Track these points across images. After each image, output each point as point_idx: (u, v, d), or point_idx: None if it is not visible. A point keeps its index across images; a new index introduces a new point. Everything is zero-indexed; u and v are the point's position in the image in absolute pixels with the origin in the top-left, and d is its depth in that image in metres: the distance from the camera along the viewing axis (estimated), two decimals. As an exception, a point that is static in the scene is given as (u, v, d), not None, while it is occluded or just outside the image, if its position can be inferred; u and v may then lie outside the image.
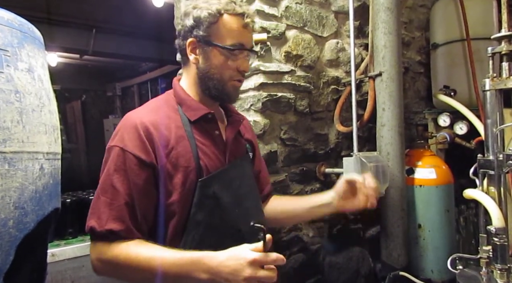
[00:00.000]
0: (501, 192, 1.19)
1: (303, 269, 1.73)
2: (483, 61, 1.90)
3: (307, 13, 1.80)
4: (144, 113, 0.98)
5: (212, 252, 0.83)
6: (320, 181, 1.88)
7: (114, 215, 0.87)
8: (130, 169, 0.89)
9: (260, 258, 0.78)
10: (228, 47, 0.97)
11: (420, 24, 2.50)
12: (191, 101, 1.02)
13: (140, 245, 0.87)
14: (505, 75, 1.19)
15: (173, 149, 0.93)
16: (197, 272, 0.81)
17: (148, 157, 0.90)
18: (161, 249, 0.86)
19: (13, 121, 0.78)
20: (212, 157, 0.99)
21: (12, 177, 0.77)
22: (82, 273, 1.75)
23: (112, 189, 0.89)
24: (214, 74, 1.00)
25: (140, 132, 0.91)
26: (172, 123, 0.97)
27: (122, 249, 0.86)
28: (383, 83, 1.68)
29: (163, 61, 5.22)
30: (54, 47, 4.30)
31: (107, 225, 0.87)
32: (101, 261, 0.89)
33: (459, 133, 1.91)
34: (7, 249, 0.75)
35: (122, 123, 0.96)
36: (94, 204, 0.91)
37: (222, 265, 0.79)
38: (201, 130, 1.00)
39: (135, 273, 0.86)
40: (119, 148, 0.91)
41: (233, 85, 1.01)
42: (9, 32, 0.81)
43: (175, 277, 0.84)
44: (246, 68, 1.01)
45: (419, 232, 1.70)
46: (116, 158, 0.90)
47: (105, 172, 0.92)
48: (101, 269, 0.90)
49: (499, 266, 1.14)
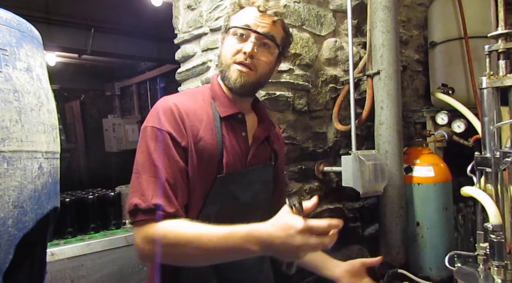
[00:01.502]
0: (498, 189, 1.20)
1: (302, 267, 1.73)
2: (481, 59, 1.89)
3: (305, 12, 1.80)
4: (180, 99, 0.99)
5: (259, 224, 0.81)
6: (319, 179, 1.88)
7: (160, 191, 0.87)
8: (168, 147, 0.91)
9: (310, 225, 0.76)
10: (230, 27, 1.00)
11: (418, 23, 2.50)
12: (224, 97, 1.03)
13: (187, 223, 0.86)
14: (501, 73, 1.19)
15: (201, 140, 0.95)
16: (248, 245, 0.80)
17: (182, 140, 0.92)
18: (208, 226, 0.85)
19: (12, 120, 0.78)
20: (235, 156, 1.00)
21: (11, 176, 0.77)
22: (81, 272, 1.75)
23: (154, 167, 0.89)
24: (221, 58, 1.02)
25: (176, 115, 0.93)
26: (205, 115, 0.99)
27: (170, 227, 0.85)
28: (381, 82, 1.68)
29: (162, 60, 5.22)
30: (52, 47, 4.29)
31: (153, 200, 0.86)
32: (148, 243, 0.86)
33: (457, 131, 1.92)
34: (7, 248, 0.76)
35: (158, 105, 0.97)
36: (135, 183, 0.89)
37: (273, 236, 0.78)
38: (229, 128, 1.01)
39: (185, 250, 0.83)
40: (156, 128, 0.92)
41: (235, 69, 0.98)
42: (7, 31, 0.82)
43: (225, 252, 0.83)
44: (248, 49, 0.96)
45: (418, 230, 1.70)
46: (154, 137, 0.91)
47: (143, 151, 0.91)
48: (148, 251, 0.86)
49: (496, 263, 1.14)
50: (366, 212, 2.10)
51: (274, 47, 1.02)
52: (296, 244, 0.76)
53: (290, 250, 0.77)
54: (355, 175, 1.55)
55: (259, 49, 0.98)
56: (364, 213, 2.09)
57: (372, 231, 2.10)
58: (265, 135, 1.10)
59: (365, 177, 1.53)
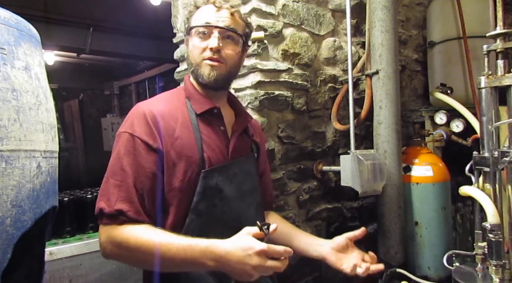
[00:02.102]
0: (496, 188, 1.20)
1: (300, 267, 1.74)
2: (480, 59, 1.89)
3: (304, 11, 1.80)
4: (153, 103, 1.02)
5: (219, 240, 0.84)
6: (317, 179, 1.88)
7: (123, 196, 0.89)
8: (138, 153, 0.93)
9: (268, 249, 0.80)
10: (191, 27, 1.03)
11: (417, 22, 2.51)
12: (198, 95, 1.07)
13: (150, 229, 0.88)
14: (500, 73, 1.19)
15: (178, 138, 0.97)
16: (204, 259, 0.83)
17: (155, 143, 0.94)
18: (170, 235, 0.87)
19: (10, 119, 0.78)
20: (216, 150, 1.02)
21: (9, 175, 0.77)
22: (80, 271, 1.75)
23: (122, 171, 0.91)
24: (190, 59, 1.05)
25: (148, 120, 0.96)
26: (179, 114, 1.01)
27: (132, 232, 0.87)
28: (380, 81, 1.68)
29: (161, 59, 5.22)
30: (51, 46, 4.29)
31: (116, 205, 0.88)
32: (111, 244, 0.89)
33: (456, 131, 1.92)
34: (5, 247, 0.76)
35: (132, 111, 1.00)
36: (104, 187, 0.92)
37: (230, 254, 0.81)
38: (207, 124, 1.04)
39: (144, 257, 0.86)
40: (128, 133, 0.95)
41: (206, 64, 1.02)
42: (5, 30, 0.82)
43: (182, 263, 0.85)
44: (213, 44, 1.00)
45: (416, 229, 1.71)
46: (126, 143, 0.94)
47: (115, 156, 0.94)
48: (110, 251, 0.90)
49: (494, 262, 1.15)
50: (364, 212, 2.10)
51: (238, 38, 1.06)
52: (252, 264, 0.79)
53: (244, 269, 0.80)
54: (353, 175, 1.55)
55: (224, 43, 1.02)
56: (363, 213, 2.10)
57: (370, 230, 2.10)
58: (243, 127, 1.13)
59: (363, 177, 1.53)
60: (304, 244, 1.16)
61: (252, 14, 1.62)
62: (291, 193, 1.76)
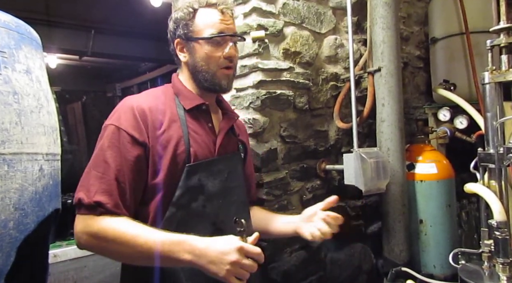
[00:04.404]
0: (502, 185, 1.19)
1: (305, 266, 1.73)
2: (483, 54, 1.90)
3: (305, 10, 1.79)
4: (141, 98, 1.03)
5: (197, 237, 0.85)
6: (320, 178, 1.87)
7: (104, 188, 0.88)
8: (123, 145, 0.92)
9: (247, 247, 0.81)
10: (207, 37, 1.03)
11: (418, 19, 2.49)
12: (187, 92, 1.08)
13: (128, 222, 0.88)
14: (504, 68, 1.18)
15: (165, 132, 0.97)
16: (181, 252, 0.83)
17: (141, 136, 0.94)
18: (147, 228, 0.88)
19: (12, 122, 0.78)
20: (203, 146, 1.03)
21: (12, 178, 0.77)
22: (84, 273, 1.75)
23: (104, 163, 0.91)
24: (202, 66, 1.05)
25: (135, 113, 0.96)
26: (168, 109, 1.02)
27: (109, 224, 0.86)
28: (382, 79, 1.67)
29: (162, 61, 5.22)
30: (53, 49, 4.30)
31: (95, 197, 0.87)
32: (86, 234, 0.87)
33: (460, 127, 1.91)
34: (8, 251, 0.76)
35: (120, 105, 1.00)
36: (85, 178, 0.91)
37: (209, 248, 0.82)
38: (195, 119, 1.05)
39: (120, 248, 0.86)
40: (114, 126, 0.94)
41: (222, 74, 1.05)
42: (6, 33, 0.81)
43: (158, 257, 0.85)
44: (231, 54, 1.04)
45: (421, 227, 1.70)
46: (111, 135, 0.93)
47: (99, 148, 0.94)
48: (85, 241, 0.89)
49: (501, 260, 1.14)
50: (368, 210, 2.09)
51: (241, 40, 1.12)
52: (230, 260, 0.80)
53: (221, 265, 0.80)
54: (357, 173, 1.54)
55: (234, 48, 1.07)
56: (367, 211, 2.08)
57: (375, 229, 2.09)
58: (230, 125, 1.14)
59: (367, 175, 1.52)
60: (281, 224, 1.21)
61: (252, 13, 1.62)
62: (294, 192, 1.76)
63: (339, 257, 1.88)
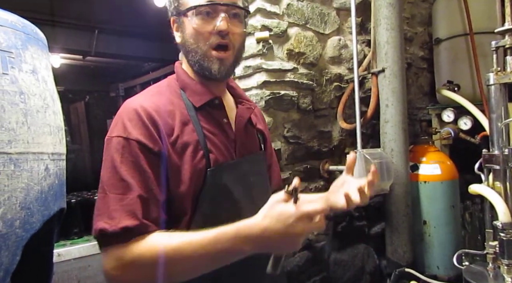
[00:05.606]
0: (507, 186, 1.18)
1: (308, 267, 1.73)
2: (487, 55, 1.89)
3: (309, 11, 1.79)
4: (144, 98, 0.86)
5: (247, 220, 0.72)
6: (324, 178, 1.87)
7: (127, 210, 0.75)
8: (138, 158, 0.79)
9: (307, 211, 0.69)
10: (192, 7, 0.85)
11: (422, 19, 2.48)
12: (195, 85, 0.91)
13: (163, 236, 0.75)
14: (509, 69, 1.18)
15: (178, 138, 0.83)
16: (238, 246, 0.71)
17: (155, 145, 0.80)
18: (187, 234, 0.74)
19: (18, 122, 0.78)
20: (221, 147, 0.89)
21: (18, 177, 0.78)
22: (88, 272, 1.76)
23: (121, 182, 0.77)
24: (190, 45, 0.88)
25: (143, 118, 0.81)
26: (176, 109, 0.87)
27: (144, 246, 0.74)
28: (386, 80, 1.67)
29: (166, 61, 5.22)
30: (57, 49, 4.32)
31: (121, 222, 0.74)
32: (120, 268, 0.74)
33: (464, 128, 1.90)
34: (14, 249, 0.76)
35: (121, 110, 0.84)
36: (101, 204, 0.78)
37: (268, 231, 0.69)
38: (208, 117, 0.90)
39: (168, 268, 0.73)
40: (121, 138, 0.79)
41: (214, 56, 0.86)
42: (13, 34, 0.82)
43: (215, 259, 0.73)
44: (223, 27, 0.84)
45: (425, 228, 1.69)
46: (121, 149, 0.79)
47: (109, 166, 0.79)
48: (121, 277, 0.74)
49: (506, 261, 1.13)
50: (372, 211, 2.08)
51: (242, 14, 0.90)
52: (296, 233, 0.69)
53: (290, 241, 0.70)
54: (360, 174, 1.54)
55: (231, 22, 0.86)
56: (370, 212, 2.08)
57: (378, 229, 2.08)
58: (248, 116, 0.98)
59: (371, 176, 1.52)
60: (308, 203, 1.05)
61: (256, 14, 1.62)
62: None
63: (342, 258, 1.87)
